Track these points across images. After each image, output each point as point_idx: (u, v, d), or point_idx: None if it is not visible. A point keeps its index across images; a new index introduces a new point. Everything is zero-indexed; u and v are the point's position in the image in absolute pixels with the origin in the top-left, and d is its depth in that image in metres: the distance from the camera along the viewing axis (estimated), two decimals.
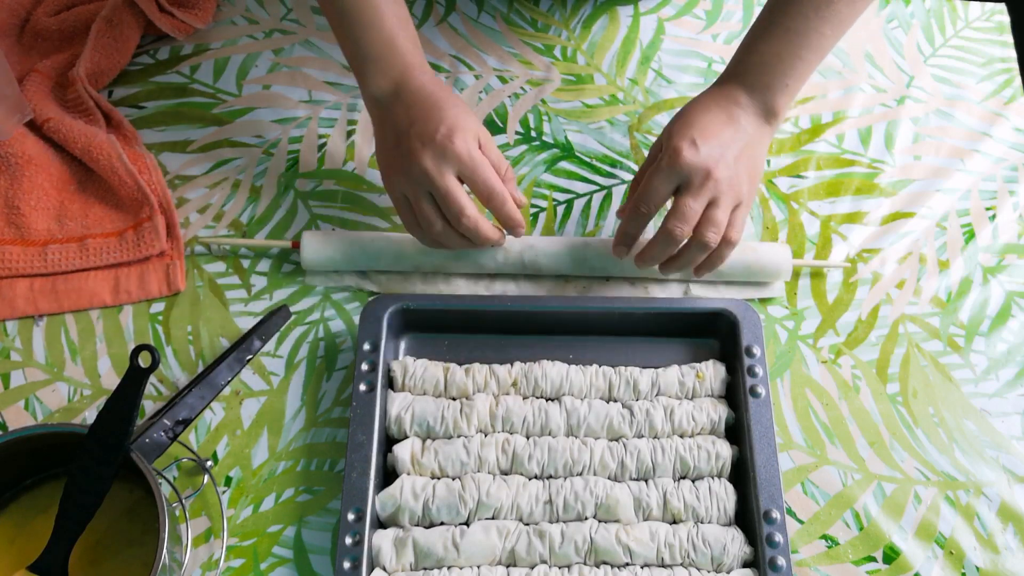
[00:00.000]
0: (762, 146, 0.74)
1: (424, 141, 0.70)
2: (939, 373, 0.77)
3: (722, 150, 0.70)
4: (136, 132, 0.87)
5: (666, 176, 0.70)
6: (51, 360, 0.76)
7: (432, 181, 0.70)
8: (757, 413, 0.69)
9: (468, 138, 0.71)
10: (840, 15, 0.71)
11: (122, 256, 0.79)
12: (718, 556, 0.65)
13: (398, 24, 0.74)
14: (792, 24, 0.71)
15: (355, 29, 0.73)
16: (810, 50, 0.72)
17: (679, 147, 0.70)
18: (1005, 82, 0.94)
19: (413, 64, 0.74)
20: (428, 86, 0.74)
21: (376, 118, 0.76)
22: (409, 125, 0.71)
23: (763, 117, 0.74)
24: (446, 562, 0.65)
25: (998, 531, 0.70)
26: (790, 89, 0.73)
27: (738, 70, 0.75)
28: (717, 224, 0.70)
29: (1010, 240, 0.84)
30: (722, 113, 0.72)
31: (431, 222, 0.72)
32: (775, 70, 0.72)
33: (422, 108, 0.72)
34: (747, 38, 0.75)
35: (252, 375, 0.76)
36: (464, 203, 0.71)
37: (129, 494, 0.66)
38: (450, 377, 0.72)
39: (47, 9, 0.92)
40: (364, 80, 0.75)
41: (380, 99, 0.74)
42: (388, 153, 0.74)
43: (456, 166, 0.70)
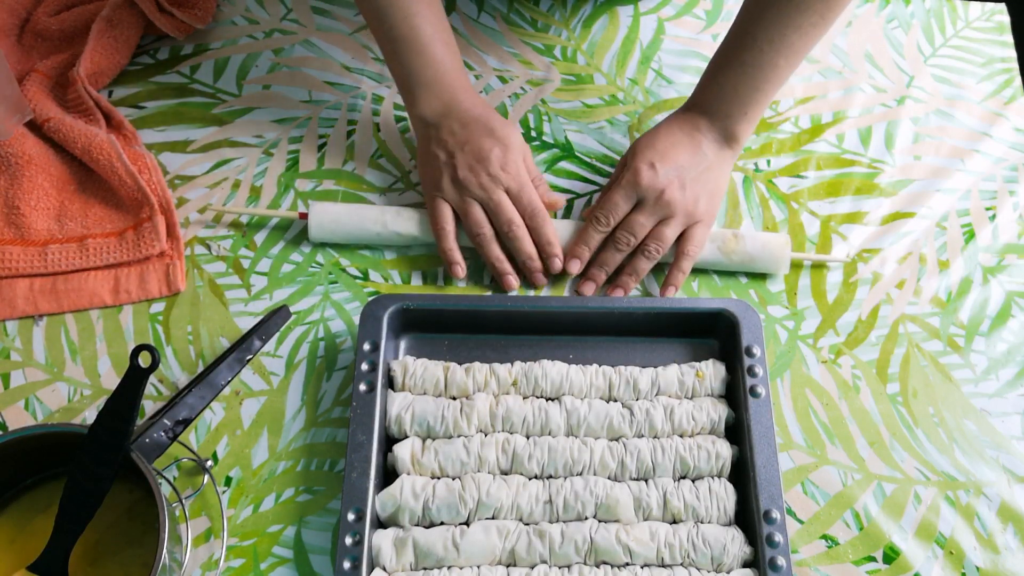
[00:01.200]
0: (723, 169, 0.80)
1: (479, 159, 0.77)
2: (939, 373, 0.77)
3: (678, 172, 0.77)
4: (136, 132, 0.87)
5: (624, 193, 0.77)
6: (51, 360, 0.76)
7: (488, 194, 0.77)
8: (757, 413, 0.69)
9: (518, 158, 0.79)
10: (793, 47, 0.74)
11: (122, 256, 0.79)
12: (718, 556, 0.65)
13: (447, 51, 0.79)
14: (747, 57, 0.75)
15: (407, 55, 0.78)
16: (766, 81, 0.76)
17: (639, 168, 0.77)
18: (1005, 82, 0.94)
19: (462, 88, 0.80)
20: (477, 107, 0.80)
21: (423, 135, 0.80)
22: (464, 143, 0.78)
23: (723, 143, 0.79)
24: (446, 562, 0.65)
25: (998, 531, 0.70)
26: (748, 117, 0.78)
27: (699, 100, 0.80)
28: (661, 239, 0.77)
29: (1010, 240, 0.84)
30: (684, 138, 0.78)
31: (481, 223, 0.78)
32: (733, 100, 0.77)
33: (475, 129, 0.78)
34: (708, 69, 0.80)
35: (252, 375, 0.76)
36: (514, 214, 0.78)
37: (129, 494, 0.66)
38: (450, 377, 0.72)
39: (47, 9, 0.92)
40: (414, 101, 0.80)
41: (430, 119, 0.80)
42: (435, 164, 0.79)
43: (507, 183, 0.78)
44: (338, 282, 0.80)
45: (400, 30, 0.77)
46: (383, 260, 0.82)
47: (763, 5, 0.74)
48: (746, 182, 0.87)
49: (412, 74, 0.79)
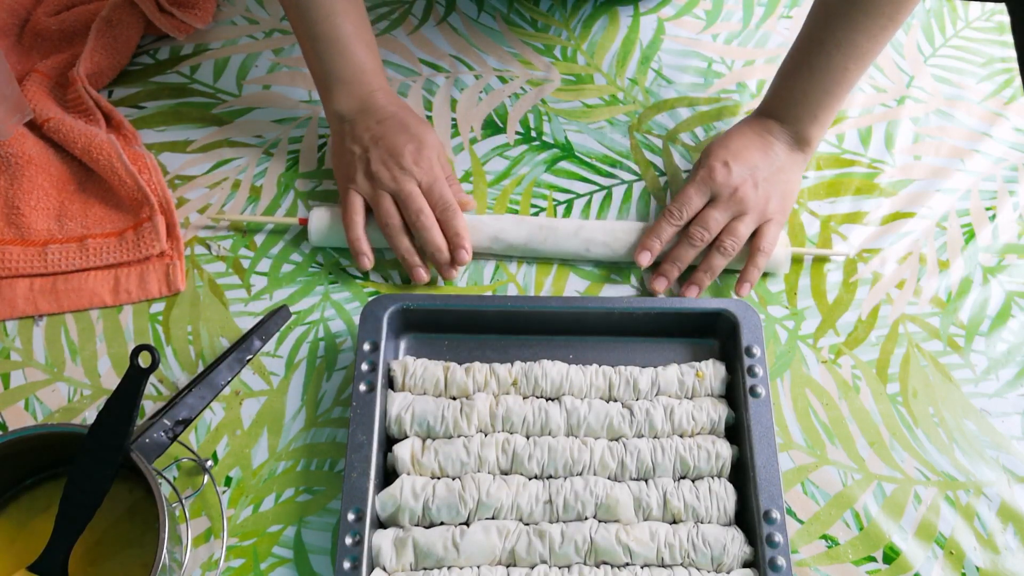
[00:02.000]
0: (795, 171, 0.81)
1: (392, 153, 0.78)
2: (939, 373, 0.77)
3: (752, 172, 0.78)
4: (136, 132, 0.87)
5: (698, 189, 0.78)
6: (51, 360, 0.76)
7: (399, 186, 0.78)
8: (757, 413, 0.69)
9: (432, 155, 0.79)
10: (861, 50, 0.75)
11: (122, 256, 0.79)
12: (718, 556, 0.65)
13: (367, 51, 0.81)
14: (816, 62, 0.76)
15: (327, 54, 0.80)
16: (835, 84, 0.77)
17: (713, 166, 0.78)
18: (1005, 82, 0.94)
19: (380, 87, 0.82)
20: (393, 105, 0.81)
21: (337, 131, 0.82)
22: (379, 138, 0.79)
23: (795, 145, 0.81)
24: (446, 562, 0.65)
25: (998, 531, 0.70)
26: (819, 120, 0.80)
27: (770, 105, 0.82)
28: (735, 234, 0.77)
29: (1010, 240, 0.84)
30: (757, 140, 0.80)
31: (391, 214, 0.78)
32: (802, 105, 0.79)
33: (390, 124, 0.79)
34: (778, 74, 0.81)
35: (252, 375, 0.76)
36: (423, 204, 0.78)
37: (129, 494, 0.66)
38: (450, 376, 0.72)
39: (47, 9, 0.93)
40: (330, 97, 0.81)
41: (345, 116, 0.81)
42: (352, 158, 0.80)
43: (420, 177, 0.78)
44: (338, 282, 0.81)
45: (320, 27, 0.78)
46: (383, 260, 0.82)
47: (831, 10, 0.75)
48: None
49: (330, 72, 0.80)
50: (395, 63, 0.94)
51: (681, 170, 0.87)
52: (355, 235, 0.79)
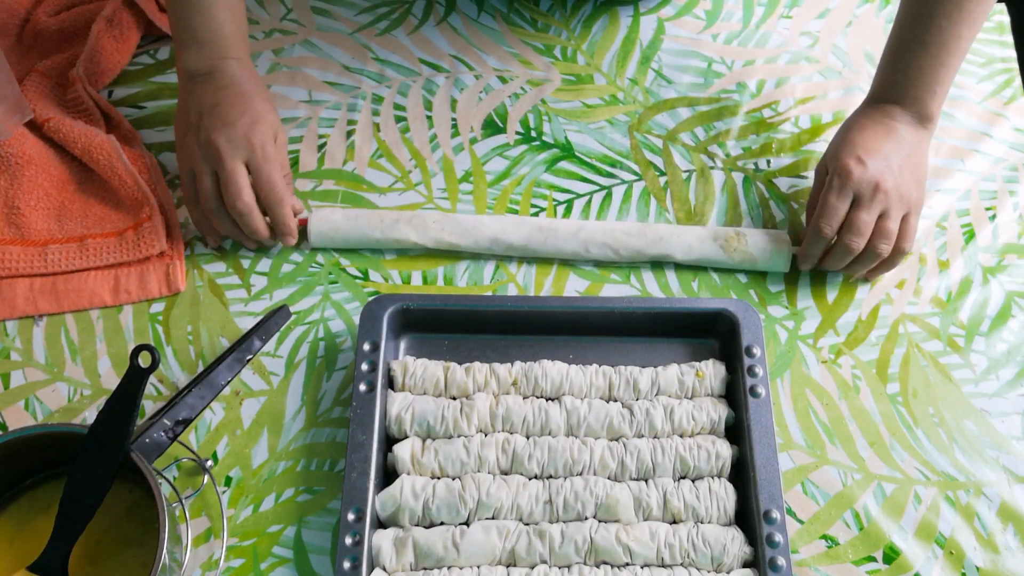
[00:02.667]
0: (923, 151, 0.79)
1: (225, 123, 0.74)
2: (939, 373, 0.77)
3: (887, 162, 0.76)
4: (136, 132, 0.87)
5: (839, 194, 0.76)
6: (51, 360, 0.76)
7: (221, 161, 0.73)
8: (757, 413, 0.69)
9: (267, 132, 0.75)
10: (972, 14, 0.74)
11: (122, 256, 0.79)
12: (718, 556, 0.65)
13: (229, 15, 0.78)
14: (928, 37, 0.75)
15: (186, 9, 0.77)
16: (950, 55, 0.76)
17: (847, 165, 0.76)
18: (1005, 82, 0.94)
19: (236, 56, 0.78)
20: (244, 75, 0.78)
21: (184, 89, 0.79)
22: (215, 104, 0.75)
23: (918, 124, 0.79)
24: (446, 562, 0.65)
25: (998, 531, 0.70)
26: (938, 94, 0.78)
27: (884, 88, 0.79)
28: (888, 235, 0.76)
29: (1010, 240, 0.84)
30: (880, 128, 0.78)
31: (208, 198, 0.75)
32: (919, 82, 0.77)
33: (231, 92, 0.76)
34: (887, 56, 0.79)
35: (252, 375, 0.76)
36: (243, 187, 0.74)
37: (129, 494, 0.66)
38: (450, 376, 0.72)
39: (47, 9, 0.93)
40: (182, 55, 0.78)
41: (193, 74, 0.78)
42: (187, 125, 0.77)
43: (247, 154, 0.74)
44: (338, 282, 0.81)
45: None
46: (383, 260, 0.82)
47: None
48: (746, 182, 0.87)
49: (188, 28, 0.77)
50: (395, 63, 0.94)
51: (681, 170, 0.87)
52: (194, 218, 0.78)
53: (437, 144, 0.89)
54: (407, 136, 0.89)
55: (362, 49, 0.95)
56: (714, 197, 0.85)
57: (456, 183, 0.86)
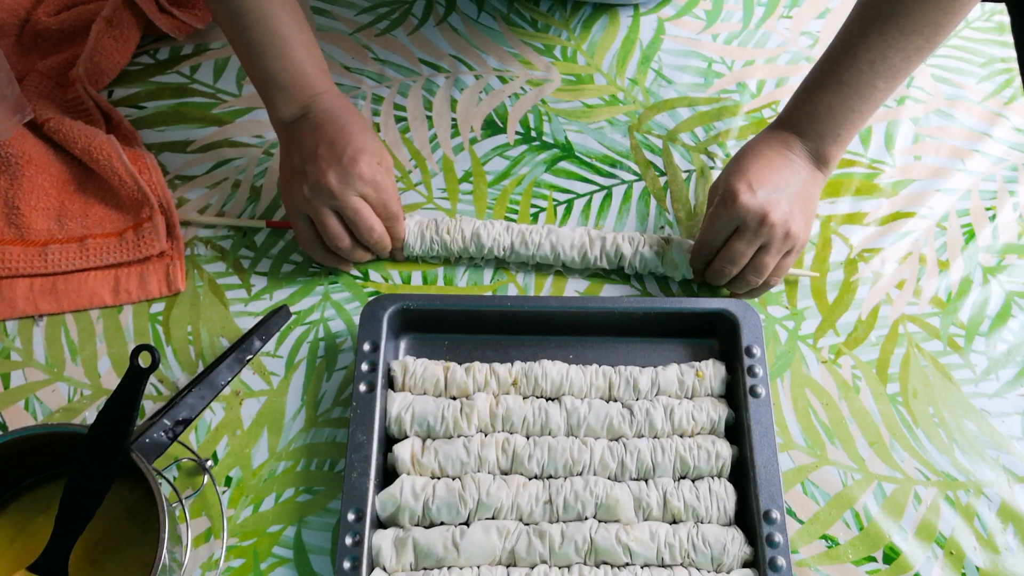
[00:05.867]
0: (815, 191, 0.77)
1: (330, 162, 0.74)
2: (939, 373, 0.77)
3: (777, 194, 0.74)
4: (136, 132, 0.87)
5: (724, 221, 0.74)
6: (51, 360, 0.76)
7: (340, 200, 0.74)
8: (757, 413, 0.69)
9: (371, 160, 0.75)
10: (894, 69, 0.72)
11: (122, 256, 0.79)
12: (718, 556, 0.65)
13: (306, 52, 0.77)
14: (846, 77, 0.73)
15: (264, 59, 0.75)
16: (863, 102, 0.74)
17: (736, 191, 0.73)
18: (1005, 82, 0.94)
19: (321, 90, 0.77)
20: (335, 109, 0.77)
21: (283, 140, 0.78)
22: (315, 147, 0.75)
23: (815, 163, 0.77)
24: (446, 562, 0.65)
25: (998, 531, 0.70)
26: (841, 139, 0.76)
27: (792, 117, 0.77)
28: (760, 271, 0.75)
29: (1010, 240, 0.84)
30: (776, 156, 0.76)
31: (339, 236, 0.76)
32: (827, 120, 0.75)
33: (329, 131, 0.75)
34: (802, 87, 0.77)
35: (252, 375, 0.76)
36: (372, 220, 0.76)
37: (129, 494, 0.66)
38: (450, 376, 0.72)
39: (47, 9, 0.93)
40: (272, 105, 0.77)
41: (287, 122, 0.77)
42: (293, 171, 0.76)
43: (360, 186, 0.74)
44: (338, 282, 0.81)
45: (254, 32, 0.74)
46: (383, 260, 0.82)
47: (866, 26, 0.72)
48: None
49: (269, 78, 0.76)
50: (395, 63, 0.94)
51: (681, 170, 0.87)
52: (320, 258, 0.79)
53: (437, 144, 0.89)
54: (407, 136, 0.89)
55: (362, 49, 0.95)
56: None
57: (456, 183, 0.86)
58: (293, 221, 0.77)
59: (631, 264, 0.79)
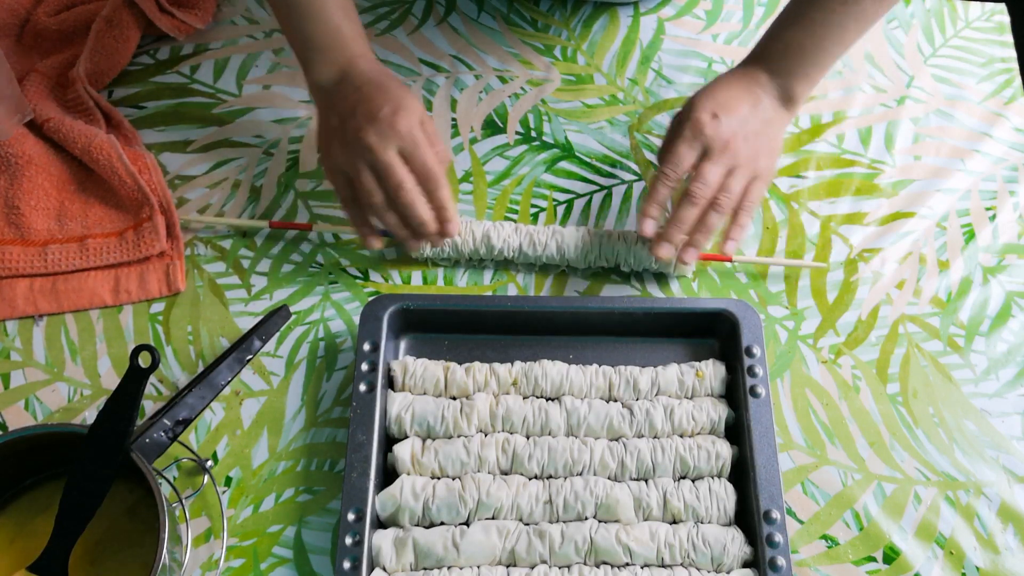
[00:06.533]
0: (780, 127, 0.78)
1: (369, 119, 0.72)
2: (939, 373, 0.77)
3: (741, 124, 0.74)
4: (136, 132, 0.87)
5: (689, 144, 0.74)
6: (51, 360, 0.76)
7: (375, 155, 0.72)
8: (757, 413, 0.69)
9: (411, 118, 0.73)
10: (865, 12, 0.73)
11: (122, 256, 0.79)
12: (718, 556, 0.65)
13: (343, 15, 0.76)
14: (817, 15, 0.74)
15: (302, 21, 0.75)
16: (832, 42, 0.74)
17: (701, 118, 0.74)
18: (1005, 82, 0.94)
19: (358, 53, 0.77)
20: (373, 71, 0.76)
21: (320, 103, 0.78)
22: (355, 105, 0.74)
23: (782, 100, 0.77)
24: (446, 562, 0.65)
25: (998, 531, 0.70)
26: (810, 77, 0.76)
27: (762, 54, 0.78)
28: (731, 192, 0.74)
29: (1010, 240, 0.84)
30: (744, 91, 0.76)
31: (371, 192, 0.73)
32: (796, 58, 0.76)
33: (367, 90, 0.74)
34: (774, 24, 0.77)
35: (252, 375, 0.76)
36: (404, 176, 0.73)
37: (129, 494, 0.66)
38: (450, 376, 0.72)
39: (47, 9, 0.93)
40: (309, 68, 0.77)
41: (325, 85, 0.76)
42: (331, 133, 0.75)
43: (398, 143, 0.72)
44: (338, 282, 0.81)
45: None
46: (383, 260, 0.82)
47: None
48: None
49: (306, 40, 0.76)
50: (395, 63, 0.94)
51: None
52: (357, 219, 0.76)
53: None
54: None
55: None
56: None
57: (456, 183, 0.86)
58: (332, 180, 0.76)
59: (627, 261, 0.79)
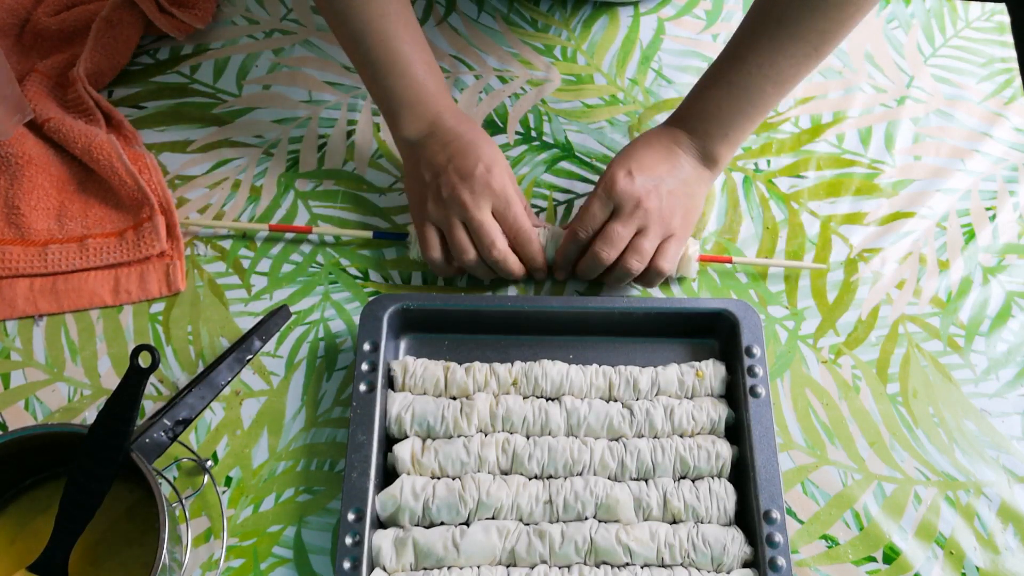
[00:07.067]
0: (700, 187, 0.78)
1: (463, 176, 0.74)
2: (939, 373, 0.77)
3: (655, 183, 0.75)
4: (136, 132, 0.87)
5: (601, 202, 0.75)
6: (51, 360, 0.76)
7: (469, 213, 0.74)
8: (757, 413, 0.69)
9: (504, 176, 0.76)
10: (783, 75, 0.74)
11: (122, 256, 0.79)
12: (718, 556, 0.65)
13: (427, 70, 0.78)
14: (735, 79, 0.74)
15: (388, 79, 0.77)
16: (751, 105, 0.75)
17: (615, 176, 0.75)
18: (1005, 82, 0.94)
19: (445, 107, 0.78)
20: (461, 126, 0.78)
21: (408, 156, 0.79)
22: (447, 161, 0.75)
23: (702, 161, 0.78)
24: (446, 562, 0.65)
25: (998, 531, 0.70)
26: (730, 139, 0.77)
27: (683, 114, 0.79)
28: (641, 252, 0.75)
29: (1010, 240, 0.84)
30: (663, 150, 0.77)
31: (465, 249, 0.75)
32: (715, 120, 0.76)
33: (458, 146, 0.76)
34: (696, 85, 0.78)
35: (252, 375, 0.76)
36: (496, 236, 0.75)
37: (129, 494, 0.66)
38: (450, 376, 0.72)
39: (47, 9, 0.93)
40: (397, 124, 0.78)
41: (413, 140, 0.78)
42: (422, 186, 0.77)
43: (492, 200, 0.75)
44: (338, 282, 0.81)
45: (377, 53, 0.76)
46: (383, 260, 0.82)
47: (757, 30, 0.73)
48: (746, 182, 0.87)
49: (394, 96, 0.77)
50: None
51: None
52: (439, 269, 0.78)
53: None
54: None
55: None
56: (714, 197, 0.85)
57: None
58: (422, 232, 0.77)
59: None
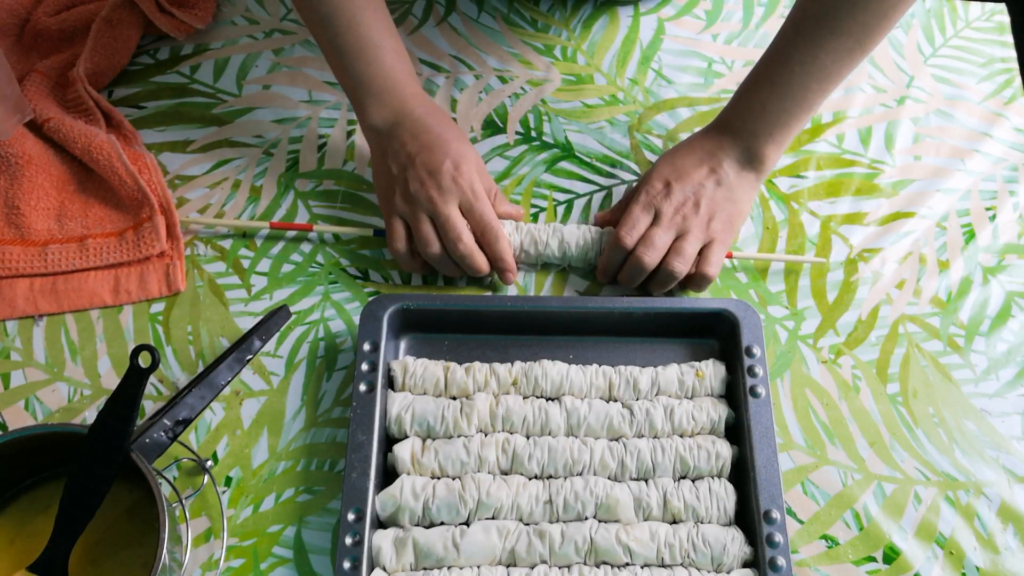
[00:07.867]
0: (743, 192, 0.78)
1: (430, 172, 0.75)
2: (939, 373, 0.77)
3: (696, 191, 0.76)
4: (136, 132, 0.87)
5: (643, 208, 0.76)
6: (51, 360, 0.76)
7: (436, 208, 0.75)
8: (757, 413, 0.69)
9: (472, 171, 0.76)
10: (826, 71, 0.73)
11: (122, 256, 0.79)
12: (718, 556, 0.65)
13: (396, 58, 0.78)
14: (778, 77, 0.74)
15: (356, 65, 0.76)
16: (795, 103, 0.75)
17: (654, 184, 0.76)
18: (1005, 82, 0.94)
19: (413, 95, 0.78)
20: (430, 117, 0.77)
21: (375, 145, 0.79)
22: (415, 154, 0.76)
23: (746, 163, 0.78)
24: (446, 562, 0.65)
25: (998, 531, 0.70)
26: (775, 138, 0.76)
27: (726, 117, 0.79)
28: (683, 254, 0.75)
29: (1010, 240, 0.84)
30: (705, 156, 0.78)
31: (430, 242, 0.75)
32: (760, 118, 0.76)
33: (425, 139, 0.76)
34: (740, 87, 0.78)
35: (252, 375, 0.76)
36: (462, 231, 0.75)
37: (129, 494, 0.66)
38: (450, 376, 0.72)
39: (47, 9, 0.93)
40: (363, 111, 0.78)
41: (380, 128, 0.78)
42: (389, 178, 0.77)
43: (459, 196, 0.75)
44: (338, 282, 0.81)
45: (345, 39, 0.75)
46: (383, 260, 0.82)
47: (799, 27, 0.73)
48: None
49: (360, 84, 0.77)
50: None
51: None
52: (404, 262, 0.78)
53: None
54: None
55: None
56: None
57: None
58: (389, 224, 0.78)
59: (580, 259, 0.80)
